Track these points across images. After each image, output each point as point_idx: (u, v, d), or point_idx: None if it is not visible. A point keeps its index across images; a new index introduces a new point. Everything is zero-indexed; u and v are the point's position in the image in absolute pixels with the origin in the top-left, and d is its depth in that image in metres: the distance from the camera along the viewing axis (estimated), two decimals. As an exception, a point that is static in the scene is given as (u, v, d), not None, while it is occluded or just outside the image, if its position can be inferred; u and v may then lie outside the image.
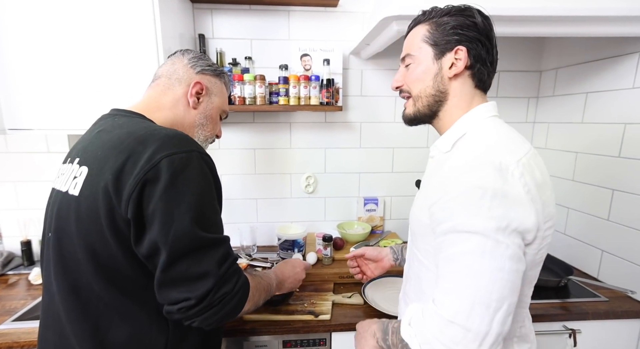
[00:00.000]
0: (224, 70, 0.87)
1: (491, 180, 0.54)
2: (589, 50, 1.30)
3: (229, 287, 0.62)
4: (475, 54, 0.64)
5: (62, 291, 0.64)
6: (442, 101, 0.67)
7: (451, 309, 0.53)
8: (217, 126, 0.86)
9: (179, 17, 1.23)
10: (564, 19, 1.00)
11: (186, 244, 0.58)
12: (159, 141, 0.61)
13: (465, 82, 0.66)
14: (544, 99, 1.54)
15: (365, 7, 1.42)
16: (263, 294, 0.78)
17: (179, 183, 0.59)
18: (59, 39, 1.04)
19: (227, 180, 1.53)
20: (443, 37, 0.64)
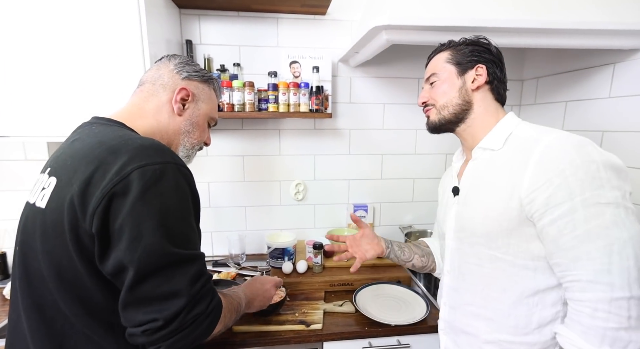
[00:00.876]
0: (213, 76, 0.83)
1: (596, 153, 0.60)
2: (568, 60, 1.35)
3: (202, 307, 0.58)
4: (492, 72, 0.75)
5: (27, 309, 0.61)
6: (468, 110, 0.77)
7: (616, 284, 0.55)
8: (205, 133, 0.83)
9: (166, 22, 1.21)
10: (543, 31, 1.04)
11: (155, 260, 0.54)
12: (133, 151, 0.57)
13: (487, 95, 0.76)
14: (526, 106, 1.59)
15: (354, 15, 1.43)
16: (233, 315, 0.74)
17: (150, 196, 0.55)
18: (39, 43, 1.00)
19: (216, 187, 1.50)
20: (464, 58, 0.76)
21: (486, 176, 0.73)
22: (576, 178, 0.58)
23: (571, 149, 0.60)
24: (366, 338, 1.03)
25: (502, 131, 0.74)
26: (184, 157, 0.79)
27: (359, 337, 1.02)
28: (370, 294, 1.19)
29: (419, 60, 1.51)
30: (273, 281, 0.97)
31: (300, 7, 1.33)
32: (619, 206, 0.57)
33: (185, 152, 0.79)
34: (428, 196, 1.64)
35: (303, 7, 1.33)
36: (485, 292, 0.73)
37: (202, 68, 0.81)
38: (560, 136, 0.64)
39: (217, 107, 0.86)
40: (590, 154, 0.60)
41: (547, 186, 0.60)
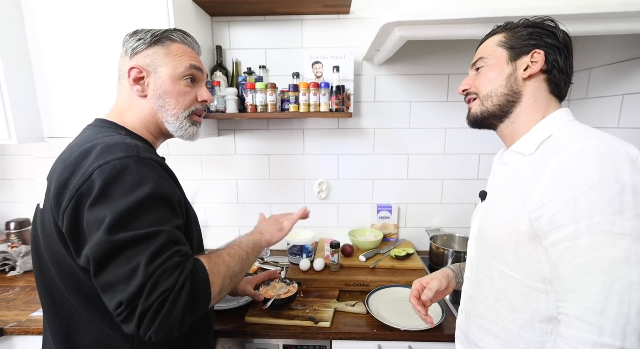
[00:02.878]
0: (160, 31, 0.72)
1: (627, 172, 0.48)
2: (626, 48, 1.18)
3: (169, 283, 0.54)
4: (552, 59, 0.64)
5: (42, 294, 0.69)
6: (515, 102, 0.66)
7: (618, 332, 0.47)
8: (184, 94, 0.73)
9: (197, 30, 1.31)
10: (585, 17, 0.92)
11: (104, 249, 0.54)
12: (98, 151, 0.60)
13: (541, 86, 0.65)
14: (575, 101, 1.42)
15: (377, 12, 1.41)
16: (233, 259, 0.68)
17: (110, 191, 0.56)
18: (88, 53, 1.16)
19: (243, 185, 1.58)
20: (520, 41, 0.65)
21: (510, 184, 0.65)
22: (587, 198, 0.49)
23: (593, 163, 0.50)
24: (374, 340, 1.01)
25: (541, 132, 0.63)
26: (182, 130, 0.75)
27: (367, 339, 1.01)
28: (385, 297, 1.16)
29: (449, 55, 1.43)
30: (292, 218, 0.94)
31: (322, 8, 1.34)
32: (638, 241, 0.47)
33: (173, 126, 0.74)
34: (458, 198, 1.55)
35: (325, 8, 1.34)
36: (497, 307, 0.67)
37: (149, 30, 0.72)
38: (590, 145, 0.52)
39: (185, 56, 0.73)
40: (617, 172, 0.49)
41: (554, 203, 0.52)
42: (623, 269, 0.47)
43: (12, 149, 1.58)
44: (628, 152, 0.51)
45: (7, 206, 1.63)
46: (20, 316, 1.08)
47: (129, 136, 0.68)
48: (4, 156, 1.59)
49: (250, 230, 0.89)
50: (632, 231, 0.47)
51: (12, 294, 1.21)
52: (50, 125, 1.23)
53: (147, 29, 0.73)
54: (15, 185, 1.61)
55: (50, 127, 1.23)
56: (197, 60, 0.76)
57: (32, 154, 1.57)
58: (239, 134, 1.54)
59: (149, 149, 0.70)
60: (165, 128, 0.75)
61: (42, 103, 1.22)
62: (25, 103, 1.20)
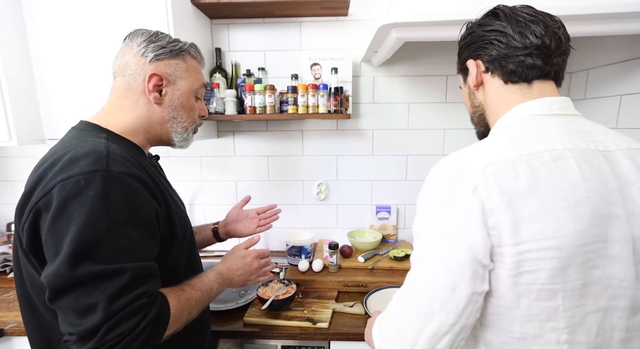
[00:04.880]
0: (185, 45, 0.74)
1: (441, 185, 0.52)
2: (624, 48, 1.19)
3: (129, 325, 0.52)
4: (487, 57, 0.61)
5: (22, 305, 0.67)
6: (483, 113, 0.67)
7: (391, 311, 0.57)
8: (194, 111, 0.77)
9: (196, 32, 1.32)
10: (594, 17, 0.92)
11: (65, 280, 0.51)
12: (64, 162, 0.56)
13: (491, 86, 0.63)
14: (574, 102, 1.40)
15: (375, 14, 1.41)
16: (196, 308, 0.68)
17: (69, 210, 0.52)
18: (88, 55, 1.16)
19: (242, 186, 1.59)
20: (459, 61, 0.69)
21: None
22: (418, 206, 0.56)
23: (429, 176, 0.55)
24: (373, 341, 1.01)
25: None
26: (181, 141, 0.77)
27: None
28: (384, 298, 1.16)
29: (447, 57, 1.44)
30: (255, 253, 0.88)
31: (321, 10, 1.35)
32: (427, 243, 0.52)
33: (179, 137, 0.76)
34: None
35: (323, 10, 1.35)
36: None
37: (172, 39, 0.72)
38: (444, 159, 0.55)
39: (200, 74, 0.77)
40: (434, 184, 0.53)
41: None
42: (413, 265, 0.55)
43: (13, 151, 1.59)
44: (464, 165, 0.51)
45: (8, 207, 1.64)
46: (20, 317, 1.09)
47: (108, 141, 0.63)
48: (5, 158, 1.60)
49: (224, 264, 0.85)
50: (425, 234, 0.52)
51: (13, 295, 1.22)
52: (51, 127, 1.24)
53: (167, 35, 0.73)
54: (16, 187, 1.62)
55: (51, 129, 1.24)
56: (205, 78, 0.80)
57: (33, 156, 1.58)
58: (238, 135, 1.55)
59: (132, 155, 0.65)
60: (167, 137, 0.75)
61: (42, 105, 1.23)
62: (26, 105, 1.21)
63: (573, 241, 0.46)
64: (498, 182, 0.48)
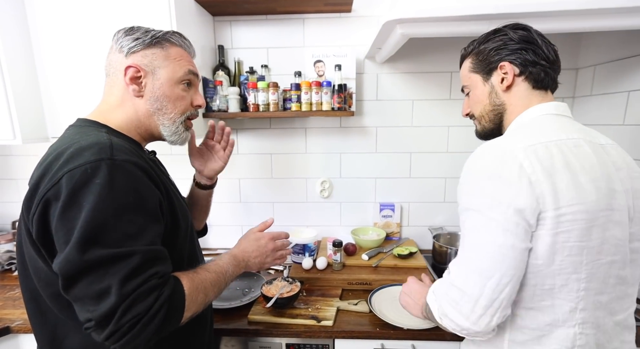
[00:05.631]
0: (160, 33, 0.71)
1: (489, 165, 0.61)
2: (631, 44, 1.17)
3: (144, 306, 0.53)
4: (521, 61, 0.70)
5: (26, 301, 0.68)
6: (502, 112, 0.75)
7: (453, 274, 0.64)
8: (182, 99, 0.73)
9: (199, 30, 1.31)
10: (600, 12, 0.91)
11: (76, 267, 0.52)
12: (70, 154, 0.56)
13: (521, 88, 0.72)
14: (580, 99, 1.41)
15: (379, 10, 1.40)
16: (212, 290, 0.69)
17: (79, 199, 0.53)
18: (91, 53, 1.16)
19: (245, 184, 1.58)
20: (485, 61, 0.74)
21: None
22: (463, 186, 0.65)
23: (474, 160, 0.65)
24: (377, 339, 1.01)
25: (510, 127, 0.74)
26: (175, 135, 0.75)
27: (370, 337, 1.01)
28: (388, 296, 1.16)
29: (451, 53, 1.42)
30: (269, 235, 0.88)
31: (324, 6, 1.34)
32: (481, 213, 0.60)
33: (168, 130, 0.73)
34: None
35: (327, 6, 1.34)
36: None
37: (148, 29, 0.71)
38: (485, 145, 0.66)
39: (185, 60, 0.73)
40: (482, 166, 0.62)
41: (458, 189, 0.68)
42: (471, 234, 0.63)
43: (17, 149, 1.59)
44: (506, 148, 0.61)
45: (13, 205, 1.65)
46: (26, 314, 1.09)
47: (109, 134, 0.64)
48: (9, 157, 1.61)
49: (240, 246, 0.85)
50: (478, 206, 0.61)
51: (19, 293, 1.23)
52: (55, 125, 1.24)
53: (144, 27, 0.71)
54: (20, 185, 1.63)
55: (55, 127, 1.24)
56: (194, 65, 0.76)
57: (37, 154, 1.58)
58: (241, 133, 1.54)
59: (132, 147, 0.66)
60: (157, 131, 0.73)
61: (46, 103, 1.23)
62: (30, 103, 1.21)
63: (595, 206, 0.59)
64: (539, 160, 0.59)
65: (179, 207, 0.73)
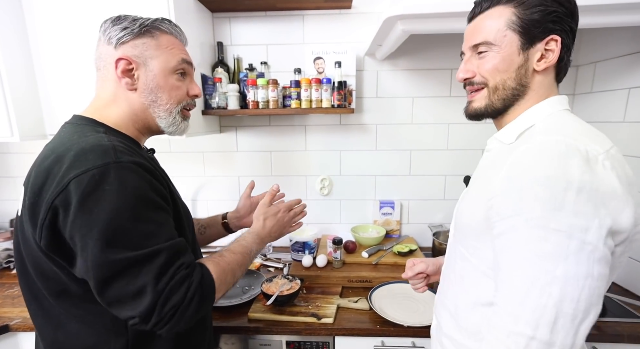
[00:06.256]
0: (149, 20, 0.68)
1: (578, 170, 0.47)
2: (632, 40, 1.17)
3: (178, 298, 0.57)
4: (568, 42, 0.57)
5: (27, 299, 0.67)
6: (520, 96, 0.60)
7: (532, 322, 0.47)
8: (177, 89, 0.70)
9: (198, 27, 1.30)
10: (602, 8, 0.90)
11: (108, 269, 0.54)
12: (72, 157, 0.56)
13: (548, 76, 0.60)
14: (580, 96, 1.40)
15: (380, 7, 1.39)
16: (239, 269, 0.72)
17: (90, 205, 0.53)
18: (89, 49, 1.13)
19: (245, 181, 1.58)
20: (535, 23, 0.55)
21: (483, 171, 0.64)
22: (532, 193, 0.48)
23: (546, 159, 0.49)
24: (378, 336, 1.01)
25: (524, 121, 0.60)
26: (172, 125, 0.72)
27: (370, 335, 1.01)
28: (388, 293, 1.16)
29: (452, 50, 1.42)
30: (284, 207, 0.92)
31: (324, 3, 1.33)
32: (571, 237, 0.46)
33: (165, 122, 0.71)
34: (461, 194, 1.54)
35: (326, 2, 1.33)
36: (455, 288, 0.69)
37: (136, 18, 0.67)
38: (551, 140, 0.51)
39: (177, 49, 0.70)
40: (567, 169, 0.47)
41: (505, 195, 0.52)
42: (550, 263, 0.47)
43: (15, 146, 1.58)
44: (588, 149, 0.49)
45: (11, 203, 1.64)
46: (25, 312, 1.08)
47: (107, 135, 0.63)
48: (7, 154, 1.60)
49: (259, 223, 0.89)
50: (567, 227, 0.46)
51: (17, 291, 1.22)
52: (52, 122, 1.23)
53: (131, 16, 0.68)
54: (18, 183, 1.62)
55: (52, 124, 1.23)
56: (187, 53, 0.73)
57: (35, 151, 1.56)
58: (240, 130, 1.53)
59: (131, 147, 0.65)
60: (155, 124, 0.71)
61: (43, 100, 1.22)
62: (27, 101, 1.20)
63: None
64: (620, 169, 0.50)
65: (182, 206, 0.73)
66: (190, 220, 0.80)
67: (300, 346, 1.04)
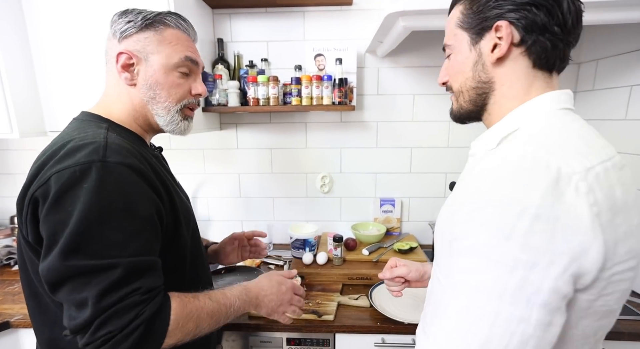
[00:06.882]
0: (154, 13, 0.65)
1: (538, 193, 0.39)
2: (634, 38, 1.16)
3: (118, 324, 0.50)
4: (527, 23, 0.48)
5: (26, 296, 0.66)
6: (488, 93, 0.54)
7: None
8: (178, 86, 0.67)
9: (198, 22, 1.29)
10: (605, 5, 0.90)
11: (55, 275, 0.51)
12: (62, 153, 0.55)
13: (517, 64, 0.51)
14: (582, 93, 1.40)
15: (381, 3, 1.39)
16: (207, 321, 0.62)
17: (64, 202, 0.51)
18: (88, 45, 1.14)
19: (245, 179, 1.58)
20: (479, 15, 0.51)
21: (460, 180, 0.54)
22: (481, 216, 0.42)
23: (505, 176, 0.42)
24: (378, 333, 1.01)
25: (507, 124, 0.51)
26: (172, 125, 0.70)
27: (371, 332, 1.01)
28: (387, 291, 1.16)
29: (454, 47, 1.41)
30: (292, 284, 0.81)
31: (325, -1, 1.32)
32: (513, 273, 0.39)
33: (163, 120, 0.69)
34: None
35: (327, -1, 1.32)
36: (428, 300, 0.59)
37: (140, 11, 0.65)
38: (515, 153, 0.43)
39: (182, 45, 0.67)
40: (526, 191, 0.40)
41: (460, 213, 0.45)
42: (482, 299, 0.41)
43: (14, 143, 1.58)
44: (561, 167, 0.40)
45: (11, 200, 1.64)
46: (25, 309, 1.09)
47: (109, 131, 0.61)
48: (7, 151, 1.59)
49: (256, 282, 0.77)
50: (511, 261, 0.39)
51: (18, 288, 1.22)
52: (52, 119, 1.22)
53: (138, 9, 0.66)
54: (18, 180, 1.62)
55: (52, 121, 1.23)
56: (193, 50, 0.70)
57: (35, 148, 1.57)
58: (241, 127, 1.53)
59: (133, 145, 0.63)
60: (154, 121, 0.69)
61: (43, 97, 1.21)
62: (27, 97, 1.19)
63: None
64: (603, 192, 0.41)
65: (181, 208, 0.69)
66: (192, 221, 0.76)
67: (301, 343, 1.04)
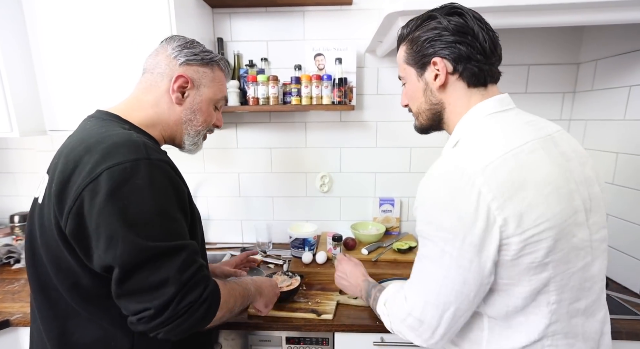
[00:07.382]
0: (216, 56, 0.78)
1: (444, 191, 0.56)
2: (633, 38, 1.16)
3: (195, 294, 0.58)
4: (454, 56, 0.62)
5: (35, 291, 0.67)
6: (441, 111, 0.68)
7: (410, 303, 0.63)
8: (211, 116, 0.80)
9: (197, 22, 1.29)
10: (604, 5, 0.90)
11: (136, 257, 0.55)
12: (105, 149, 0.58)
13: (456, 87, 0.65)
14: (581, 94, 1.40)
15: (381, 3, 1.39)
16: (239, 300, 0.73)
17: (121, 195, 0.55)
18: (88, 45, 1.15)
19: (245, 178, 1.58)
20: (418, 54, 0.66)
21: None
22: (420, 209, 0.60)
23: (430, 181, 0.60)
24: (377, 332, 1.02)
25: (454, 136, 0.65)
26: (191, 145, 0.80)
27: (369, 331, 1.01)
28: (388, 290, 1.16)
29: (453, 47, 1.41)
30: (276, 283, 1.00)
31: (325, -1, 1.32)
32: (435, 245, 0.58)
33: (190, 140, 0.79)
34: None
35: (327, -1, 1.32)
36: None
37: (205, 49, 0.77)
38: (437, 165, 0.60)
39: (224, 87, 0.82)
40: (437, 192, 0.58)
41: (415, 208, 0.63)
42: (423, 264, 0.62)
43: (14, 142, 1.58)
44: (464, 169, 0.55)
45: (10, 199, 1.63)
46: (25, 307, 1.09)
47: (134, 131, 0.67)
48: (6, 150, 1.60)
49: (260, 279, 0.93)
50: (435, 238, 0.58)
51: (18, 287, 1.22)
52: (52, 118, 1.23)
53: (202, 45, 0.77)
54: (18, 179, 1.62)
55: (52, 120, 1.23)
56: (227, 91, 0.86)
57: (35, 147, 1.57)
58: (240, 127, 1.53)
59: (156, 147, 0.69)
60: (180, 138, 0.78)
61: (43, 96, 1.21)
62: (27, 96, 1.19)
63: (560, 218, 0.55)
64: (498, 181, 0.53)
65: (195, 207, 0.75)
66: (201, 223, 0.80)
67: (300, 341, 1.05)
